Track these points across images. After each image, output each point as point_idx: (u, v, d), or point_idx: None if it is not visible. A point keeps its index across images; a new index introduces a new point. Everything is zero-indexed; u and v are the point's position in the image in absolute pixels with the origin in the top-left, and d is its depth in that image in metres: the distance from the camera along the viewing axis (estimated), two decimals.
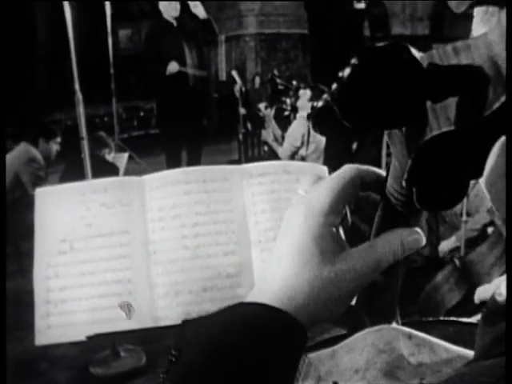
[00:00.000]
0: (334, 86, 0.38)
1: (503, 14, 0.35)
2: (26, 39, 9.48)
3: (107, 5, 6.58)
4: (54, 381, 3.17)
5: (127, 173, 4.74)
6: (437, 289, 3.87)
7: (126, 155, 5.00)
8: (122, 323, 1.28)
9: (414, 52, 0.37)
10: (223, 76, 10.54)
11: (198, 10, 5.44)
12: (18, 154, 4.12)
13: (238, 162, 6.10)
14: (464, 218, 3.98)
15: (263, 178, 1.42)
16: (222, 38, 10.24)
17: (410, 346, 0.53)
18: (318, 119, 0.40)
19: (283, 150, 5.27)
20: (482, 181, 0.46)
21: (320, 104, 0.39)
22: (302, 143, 5.10)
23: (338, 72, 0.37)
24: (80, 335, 1.26)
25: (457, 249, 4.22)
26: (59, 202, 1.36)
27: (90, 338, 1.26)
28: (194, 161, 5.15)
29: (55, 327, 1.28)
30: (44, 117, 8.65)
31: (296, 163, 1.63)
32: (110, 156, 4.45)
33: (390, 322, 0.54)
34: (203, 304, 1.31)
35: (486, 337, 0.45)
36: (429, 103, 0.38)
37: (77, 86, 2.87)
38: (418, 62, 0.37)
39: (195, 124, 5.26)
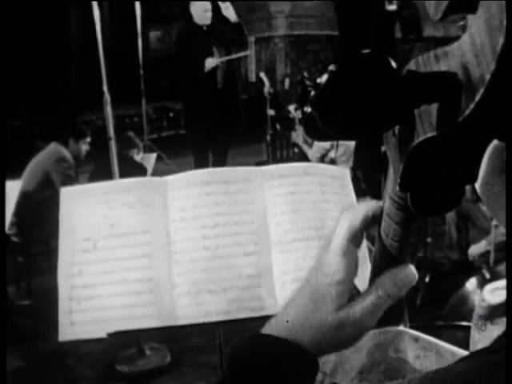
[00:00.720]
0: (313, 92, 0.39)
1: (473, 21, 0.35)
2: (61, 40, 9.65)
3: (137, 6, 6.67)
4: (81, 376, 3.22)
5: (155, 173, 4.78)
6: (465, 298, 3.81)
7: (154, 156, 5.04)
8: (143, 321, 1.30)
9: (391, 61, 0.38)
10: (252, 77, 10.57)
11: (229, 13, 5.46)
12: (49, 153, 4.20)
13: (267, 163, 6.11)
14: (494, 221, 3.92)
15: (284, 179, 1.43)
16: (252, 39, 10.27)
17: (415, 349, 0.53)
18: (308, 124, 0.41)
19: (313, 153, 5.27)
20: (477, 186, 0.46)
21: (309, 109, 0.40)
22: (331, 146, 5.09)
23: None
24: (101, 332, 1.29)
25: (487, 253, 4.16)
26: (83, 202, 1.39)
27: (111, 335, 1.28)
28: (219, 162, 5.17)
29: (78, 324, 1.31)
30: (76, 117, 8.80)
31: (318, 165, 1.64)
32: (138, 156, 4.51)
33: (397, 325, 0.54)
34: (223, 304, 1.32)
35: (479, 341, 0.46)
36: (416, 109, 0.39)
37: (105, 87, 2.92)
38: (394, 70, 0.38)
39: (222, 125, 5.29)
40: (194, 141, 5.50)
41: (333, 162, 5.02)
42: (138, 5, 6.60)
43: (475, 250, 4.40)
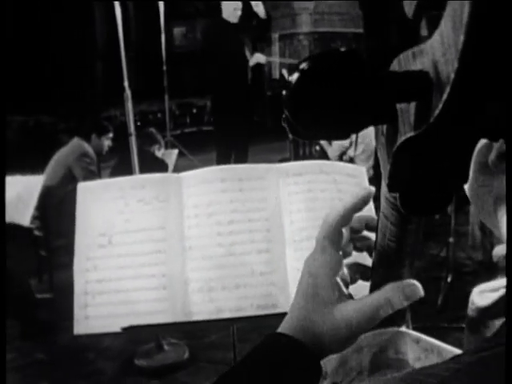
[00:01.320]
0: (284, 92, 0.39)
1: (444, 19, 0.34)
2: (86, 37, 9.75)
3: (161, 3, 6.70)
4: (100, 370, 3.25)
5: (178, 169, 4.80)
6: None
7: (175, 152, 5.06)
8: (156, 316, 1.31)
9: (363, 58, 0.37)
10: (276, 74, 10.54)
11: (259, 9, 5.47)
12: (71, 148, 4.24)
13: (290, 160, 6.08)
14: None
15: (300, 177, 1.42)
16: (276, 36, 10.25)
17: (416, 350, 0.53)
18: (289, 123, 0.40)
19: (332, 150, 5.25)
20: (466, 188, 0.45)
21: None
22: (351, 144, 5.06)
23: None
24: (116, 326, 1.30)
25: None
26: (99, 197, 1.40)
27: (125, 330, 1.29)
28: (240, 159, 5.18)
29: (92, 318, 1.32)
30: (100, 112, 8.87)
31: (334, 163, 1.62)
32: (159, 152, 4.53)
33: (399, 325, 0.54)
34: (236, 301, 1.32)
35: (472, 343, 0.45)
36: (399, 108, 0.38)
37: (126, 83, 2.94)
38: (366, 68, 0.37)
39: (247, 122, 5.31)
40: (221, 136, 5.48)
41: (352, 160, 4.99)
42: (161, 1, 6.62)
43: (499, 250, 4.33)
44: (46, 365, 3.38)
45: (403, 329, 0.53)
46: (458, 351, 0.51)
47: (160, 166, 4.16)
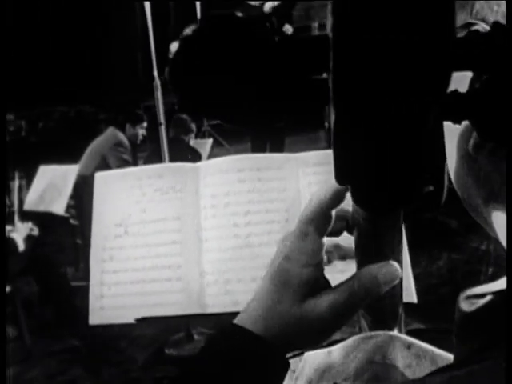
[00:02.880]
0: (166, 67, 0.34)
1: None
2: (127, 28, 9.83)
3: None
4: (131, 358, 3.28)
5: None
6: None
7: (209, 141, 5.05)
8: (171, 308, 1.29)
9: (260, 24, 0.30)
10: None
11: (286, 28, 5.51)
12: (106, 137, 4.27)
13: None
14: None
15: (320, 167, 1.38)
16: (316, 25, 10.13)
17: (407, 356, 0.48)
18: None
19: None
20: (452, 177, 0.40)
21: None
22: None
23: None
24: (130, 317, 1.28)
25: None
26: (117, 187, 1.39)
27: (139, 321, 1.27)
28: (276, 150, 5.15)
29: (108, 308, 1.31)
30: (140, 102, 8.96)
31: None
32: (193, 141, 4.53)
33: (391, 329, 0.49)
34: (252, 293, 1.29)
35: (461, 352, 0.40)
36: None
37: (155, 72, 2.93)
38: (265, 34, 0.31)
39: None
40: (253, 128, 5.48)
41: None
42: None
43: None
44: (79, 351, 3.44)
45: (394, 332, 0.48)
46: (452, 357, 0.47)
47: (193, 155, 4.15)
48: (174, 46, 0.32)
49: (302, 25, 8.09)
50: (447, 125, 0.33)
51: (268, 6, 5.39)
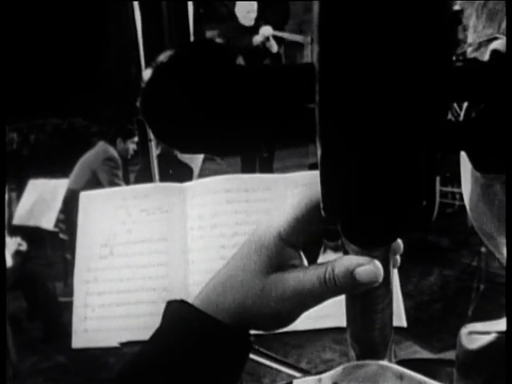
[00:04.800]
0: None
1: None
2: (122, 40, 9.85)
3: (190, 6, 6.76)
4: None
5: (206, 174, 4.77)
6: None
7: (200, 156, 5.03)
8: None
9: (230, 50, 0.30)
10: None
11: (271, 44, 5.54)
12: (97, 152, 4.25)
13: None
14: None
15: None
16: (308, 39, 10.18)
17: None
18: None
19: None
20: (465, 202, 0.39)
21: None
22: None
23: None
24: (115, 340, 1.26)
25: None
26: (102, 207, 1.37)
27: (123, 345, 1.25)
28: (265, 164, 5.16)
29: (91, 331, 1.29)
30: (133, 116, 8.95)
31: None
32: (184, 156, 4.51)
33: (380, 358, 0.47)
34: None
35: None
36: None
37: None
38: (230, 62, 0.30)
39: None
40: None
41: None
42: (190, 4, 6.69)
43: None
44: (67, 369, 3.39)
45: (385, 362, 0.46)
46: None
47: (184, 170, 4.13)
48: (146, 74, 0.31)
49: (294, 40, 8.10)
50: None
51: (262, 35, 5.40)
